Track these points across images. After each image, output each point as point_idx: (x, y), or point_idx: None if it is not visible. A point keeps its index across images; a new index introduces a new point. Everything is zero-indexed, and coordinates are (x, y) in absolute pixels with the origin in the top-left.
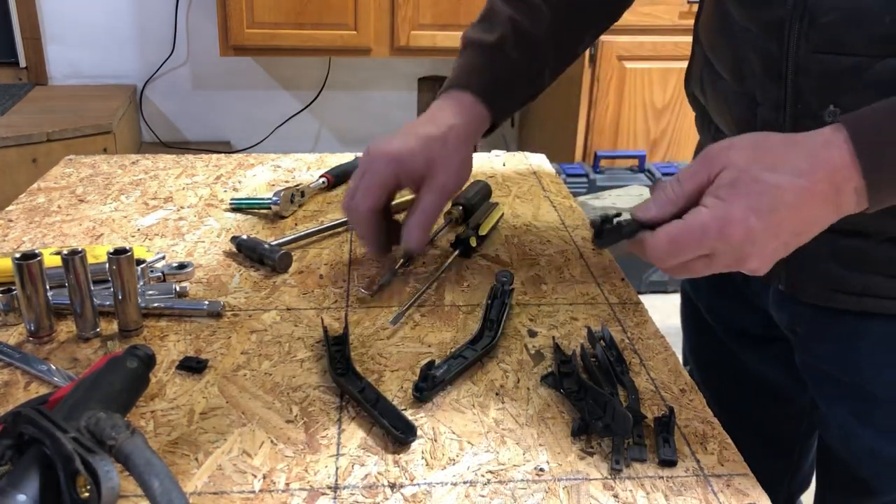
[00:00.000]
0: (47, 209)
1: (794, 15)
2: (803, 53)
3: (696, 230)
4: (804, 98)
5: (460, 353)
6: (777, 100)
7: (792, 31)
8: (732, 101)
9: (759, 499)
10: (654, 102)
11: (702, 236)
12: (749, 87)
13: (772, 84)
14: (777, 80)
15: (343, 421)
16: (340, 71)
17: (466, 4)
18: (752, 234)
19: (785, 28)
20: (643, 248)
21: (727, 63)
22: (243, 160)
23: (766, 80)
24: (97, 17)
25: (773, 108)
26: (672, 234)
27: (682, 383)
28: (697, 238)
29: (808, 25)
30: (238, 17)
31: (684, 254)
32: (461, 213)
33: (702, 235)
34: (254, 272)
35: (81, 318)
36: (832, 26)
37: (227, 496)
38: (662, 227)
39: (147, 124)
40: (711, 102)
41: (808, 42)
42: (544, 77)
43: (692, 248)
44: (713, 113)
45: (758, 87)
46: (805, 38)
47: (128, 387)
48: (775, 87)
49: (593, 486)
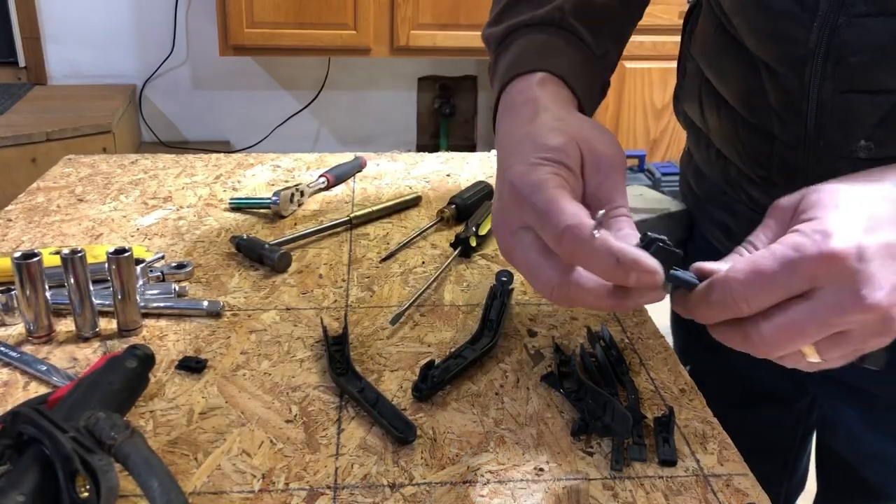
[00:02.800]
0: (46, 209)
1: (818, 54)
2: (828, 92)
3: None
4: (827, 135)
5: (460, 353)
6: (797, 137)
7: (815, 71)
8: (743, 132)
9: (758, 498)
10: (653, 102)
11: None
12: (763, 121)
13: (791, 120)
14: (797, 117)
15: (342, 421)
16: (340, 71)
17: (466, 4)
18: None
19: (807, 66)
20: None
21: (736, 92)
22: (243, 160)
23: (784, 115)
24: (97, 16)
25: (792, 144)
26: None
27: (682, 383)
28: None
29: (833, 66)
30: (238, 16)
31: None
32: (454, 213)
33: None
34: (253, 272)
35: (81, 317)
36: (861, 66)
37: (227, 496)
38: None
39: (146, 124)
40: (714, 128)
41: (834, 81)
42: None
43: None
44: (716, 138)
45: (775, 122)
46: (830, 79)
47: (127, 386)
48: (795, 123)
49: (593, 486)
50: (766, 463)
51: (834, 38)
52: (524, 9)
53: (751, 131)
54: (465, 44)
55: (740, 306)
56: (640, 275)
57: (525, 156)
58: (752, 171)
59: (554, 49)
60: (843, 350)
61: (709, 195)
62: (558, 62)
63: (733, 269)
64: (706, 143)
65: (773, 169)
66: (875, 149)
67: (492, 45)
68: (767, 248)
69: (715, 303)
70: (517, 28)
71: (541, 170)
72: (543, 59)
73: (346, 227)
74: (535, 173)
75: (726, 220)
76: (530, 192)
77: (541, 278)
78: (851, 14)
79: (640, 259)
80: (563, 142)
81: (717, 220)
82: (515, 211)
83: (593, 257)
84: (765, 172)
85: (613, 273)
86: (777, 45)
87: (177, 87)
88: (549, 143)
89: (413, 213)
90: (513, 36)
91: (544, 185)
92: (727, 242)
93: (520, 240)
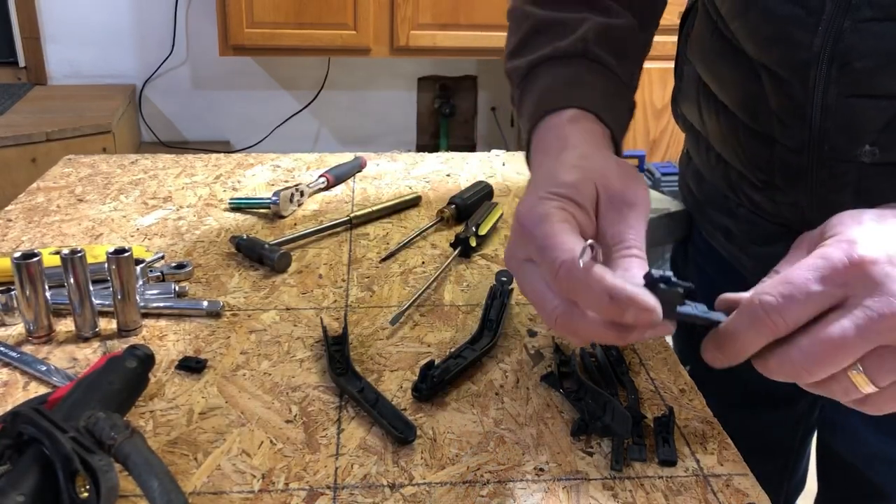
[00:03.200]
0: (46, 209)
1: (822, 58)
2: (833, 97)
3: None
4: (831, 140)
5: (460, 353)
6: (801, 141)
7: (819, 75)
8: (744, 137)
9: (758, 498)
10: (653, 102)
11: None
12: (765, 126)
13: (794, 125)
14: (800, 121)
15: (342, 421)
16: (340, 71)
17: (466, 4)
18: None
19: (811, 71)
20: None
21: (735, 97)
22: (243, 160)
23: (786, 120)
24: (97, 16)
25: (795, 149)
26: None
27: (682, 383)
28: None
29: (838, 70)
30: (238, 16)
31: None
32: (454, 213)
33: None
34: (253, 272)
35: (81, 317)
36: (866, 71)
37: (227, 496)
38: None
39: (146, 124)
40: (714, 132)
41: (839, 85)
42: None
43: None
44: (715, 142)
45: (776, 126)
46: (835, 83)
47: (127, 386)
48: (798, 128)
49: (593, 486)
50: (767, 463)
51: (839, 42)
52: (545, 40)
53: (751, 135)
54: (465, 44)
55: (775, 322)
56: (637, 312)
57: (537, 190)
58: (753, 175)
59: (582, 83)
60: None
61: (709, 198)
62: (588, 96)
63: (762, 286)
64: (706, 146)
65: (775, 173)
66: (880, 154)
67: (515, 79)
68: (797, 264)
69: (748, 325)
70: (540, 62)
71: (547, 204)
72: (572, 95)
73: (346, 227)
74: (541, 207)
75: (727, 224)
76: (533, 226)
77: (546, 309)
78: (857, 19)
79: (635, 297)
80: (576, 178)
81: (717, 223)
82: (521, 243)
83: (587, 293)
84: (766, 176)
85: (608, 310)
86: (779, 49)
87: (177, 87)
88: (562, 178)
89: (413, 213)
90: (536, 70)
91: (547, 219)
92: (728, 245)
93: (525, 271)
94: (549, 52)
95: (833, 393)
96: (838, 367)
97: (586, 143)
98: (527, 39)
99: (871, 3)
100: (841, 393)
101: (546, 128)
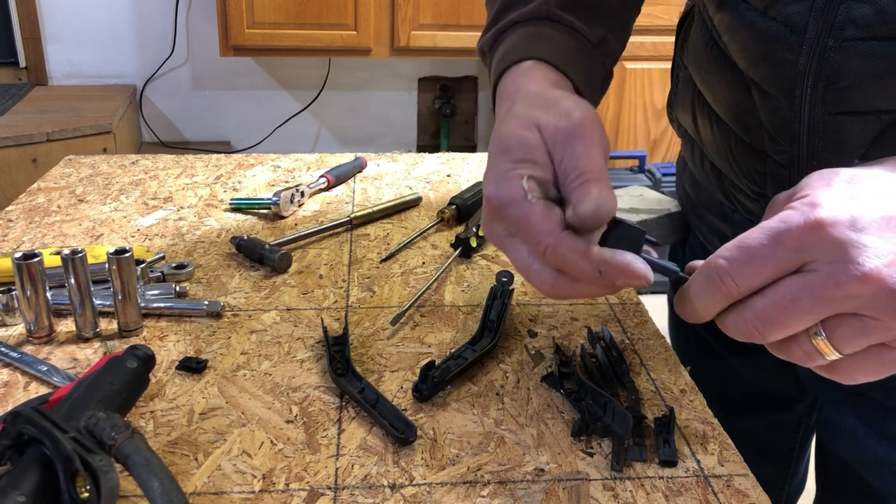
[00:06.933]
0: (47, 209)
1: (808, 76)
2: (819, 114)
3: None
4: (819, 156)
5: (460, 354)
6: (790, 157)
7: (805, 93)
8: (737, 150)
9: (759, 499)
10: (654, 102)
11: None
12: (756, 139)
13: (783, 141)
14: (789, 138)
15: (343, 421)
16: (340, 71)
17: (466, 4)
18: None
19: (797, 89)
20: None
21: (728, 108)
22: (243, 160)
23: (776, 135)
24: (97, 17)
25: (785, 164)
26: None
27: (682, 384)
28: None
29: (823, 89)
30: (238, 17)
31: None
32: (454, 213)
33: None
34: (254, 272)
35: (81, 318)
36: (853, 89)
37: (227, 496)
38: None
39: (147, 124)
40: (708, 141)
41: (825, 104)
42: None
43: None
44: (710, 151)
45: (767, 141)
46: (822, 102)
47: (127, 387)
48: (787, 144)
49: (593, 487)
50: (768, 465)
51: (824, 61)
52: (512, 12)
53: (744, 148)
54: (465, 44)
55: (727, 285)
56: (627, 280)
57: (495, 164)
58: (747, 187)
59: (542, 37)
60: (860, 338)
61: (705, 203)
62: (545, 49)
63: (720, 250)
64: (700, 154)
65: (768, 186)
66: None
67: (485, 52)
68: (755, 227)
69: (703, 287)
70: (505, 28)
71: (509, 182)
72: (529, 48)
73: (347, 228)
74: (505, 187)
75: (723, 228)
76: (504, 208)
77: (534, 278)
78: (841, 38)
79: (624, 266)
80: (522, 137)
81: (714, 227)
82: (499, 222)
83: (576, 269)
84: (759, 188)
85: (599, 281)
86: (766, 66)
87: (177, 88)
88: (511, 142)
89: (413, 214)
90: (502, 37)
91: (515, 202)
92: None
93: (510, 246)
94: (514, 17)
95: (794, 356)
96: (792, 331)
97: (536, 86)
98: (497, 17)
99: (856, 22)
100: (803, 357)
101: (504, 84)
